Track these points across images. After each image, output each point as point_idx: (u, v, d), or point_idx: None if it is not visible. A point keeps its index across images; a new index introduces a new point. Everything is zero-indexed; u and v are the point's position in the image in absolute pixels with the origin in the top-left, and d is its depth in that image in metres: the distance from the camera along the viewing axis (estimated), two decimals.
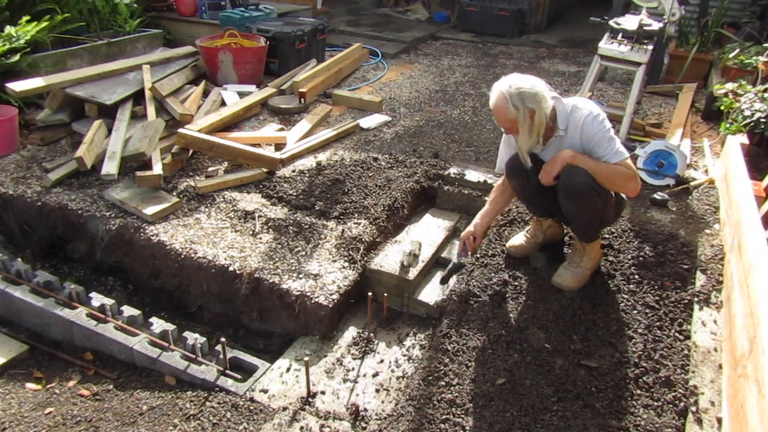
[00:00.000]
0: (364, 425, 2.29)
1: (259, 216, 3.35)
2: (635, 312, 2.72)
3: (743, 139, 3.83)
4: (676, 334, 2.60)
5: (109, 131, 3.97)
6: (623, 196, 2.74)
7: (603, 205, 2.59)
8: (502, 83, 2.43)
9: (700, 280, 2.94)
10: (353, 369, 2.59)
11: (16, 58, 4.39)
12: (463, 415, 2.24)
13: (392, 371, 2.57)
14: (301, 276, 2.89)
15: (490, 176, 3.77)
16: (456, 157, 4.14)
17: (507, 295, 2.79)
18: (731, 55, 5.02)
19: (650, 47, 4.08)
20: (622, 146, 2.48)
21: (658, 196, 3.65)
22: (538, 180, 2.57)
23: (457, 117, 4.99)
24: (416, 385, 2.39)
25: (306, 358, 2.41)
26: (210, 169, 3.82)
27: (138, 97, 4.40)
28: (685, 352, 2.50)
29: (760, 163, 3.81)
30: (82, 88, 4.28)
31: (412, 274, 2.95)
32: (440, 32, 8.01)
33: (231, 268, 2.94)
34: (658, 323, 2.66)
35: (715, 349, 2.53)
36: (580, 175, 2.46)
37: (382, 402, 2.40)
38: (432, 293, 2.98)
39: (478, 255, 3.07)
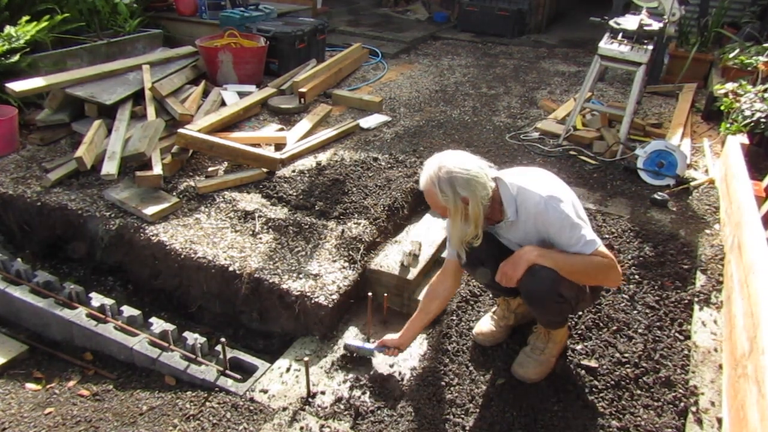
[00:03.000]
0: (364, 425, 2.28)
1: (259, 216, 3.35)
2: (635, 312, 2.72)
3: (743, 139, 3.83)
4: (677, 335, 2.60)
5: (109, 131, 3.97)
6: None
7: (575, 304, 2.21)
8: (432, 163, 2.06)
9: (700, 280, 2.94)
10: (353, 369, 2.58)
11: (16, 58, 4.39)
12: (463, 415, 2.24)
13: (392, 371, 2.56)
14: (301, 276, 2.89)
15: None
16: None
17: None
18: (731, 55, 5.02)
19: (650, 47, 4.08)
20: (590, 230, 2.08)
21: (658, 196, 3.66)
22: (499, 256, 2.18)
23: (457, 117, 5.00)
24: (416, 385, 2.39)
25: (306, 358, 2.41)
26: (210, 169, 3.82)
27: (138, 97, 4.39)
28: (686, 352, 2.50)
29: (760, 163, 3.81)
30: (82, 88, 4.28)
31: (412, 274, 2.95)
32: (440, 32, 8.01)
33: (231, 268, 2.94)
34: (658, 323, 2.66)
35: (715, 349, 2.53)
36: (545, 281, 2.05)
37: (383, 402, 2.40)
38: None
39: None
